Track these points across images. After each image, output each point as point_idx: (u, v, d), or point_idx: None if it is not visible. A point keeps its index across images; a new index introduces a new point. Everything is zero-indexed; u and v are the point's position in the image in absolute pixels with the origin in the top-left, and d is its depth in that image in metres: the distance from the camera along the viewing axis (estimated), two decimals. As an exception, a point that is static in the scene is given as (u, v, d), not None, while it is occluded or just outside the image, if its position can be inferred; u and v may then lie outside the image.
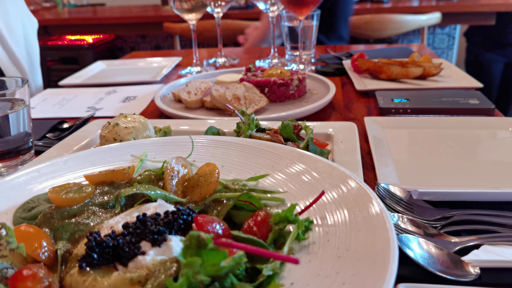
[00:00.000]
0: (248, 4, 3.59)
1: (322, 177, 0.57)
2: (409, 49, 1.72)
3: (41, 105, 1.26)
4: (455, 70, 1.37)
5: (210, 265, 0.39)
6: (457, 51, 4.20)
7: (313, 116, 1.05)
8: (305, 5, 1.36)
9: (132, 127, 0.78)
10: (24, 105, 0.82)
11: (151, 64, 1.73)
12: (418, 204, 0.64)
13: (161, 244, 0.45)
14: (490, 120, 0.94)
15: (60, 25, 3.55)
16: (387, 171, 0.73)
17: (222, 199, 0.56)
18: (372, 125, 0.92)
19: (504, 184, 0.70)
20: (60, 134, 1.00)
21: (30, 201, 0.60)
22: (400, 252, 0.51)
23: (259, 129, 0.80)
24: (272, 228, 0.49)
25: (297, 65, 1.50)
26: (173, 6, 1.48)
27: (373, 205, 0.48)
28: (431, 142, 0.87)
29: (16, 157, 0.82)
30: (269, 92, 1.14)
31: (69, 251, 0.50)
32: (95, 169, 0.67)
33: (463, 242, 0.55)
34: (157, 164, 0.67)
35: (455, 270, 0.50)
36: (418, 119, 0.96)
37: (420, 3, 3.50)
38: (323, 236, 0.47)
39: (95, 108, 1.22)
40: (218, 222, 0.49)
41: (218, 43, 1.65)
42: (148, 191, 0.56)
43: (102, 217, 0.54)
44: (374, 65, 1.31)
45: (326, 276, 0.41)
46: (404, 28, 2.98)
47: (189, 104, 1.14)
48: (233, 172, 0.65)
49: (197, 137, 0.73)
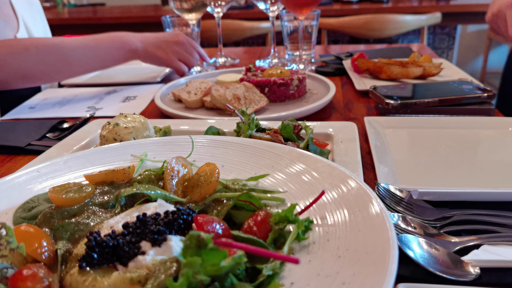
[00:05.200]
0: (248, 4, 3.59)
1: (322, 177, 0.57)
2: (409, 49, 1.72)
3: (41, 105, 1.26)
4: (455, 70, 1.37)
5: (210, 265, 0.39)
6: (457, 51, 4.20)
7: (313, 116, 1.05)
8: (305, 5, 1.36)
9: (132, 127, 0.78)
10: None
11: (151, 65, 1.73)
12: (418, 204, 0.64)
13: (161, 244, 0.45)
14: (490, 120, 0.94)
15: (60, 25, 3.55)
16: (387, 171, 0.73)
17: (222, 199, 0.56)
18: (372, 125, 0.92)
19: (504, 184, 0.70)
20: (60, 134, 1.00)
21: (30, 201, 0.59)
22: (400, 252, 0.51)
23: (259, 129, 0.80)
24: (272, 228, 0.49)
25: (297, 65, 1.50)
26: (173, 6, 1.48)
27: (373, 205, 0.48)
28: (431, 142, 0.87)
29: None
30: (269, 92, 1.14)
31: (69, 251, 0.50)
32: (95, 169, 0.67)
33: (463, 242, 0.55)
34: (157, 164, 0.67)
35: (455, 270, 0.50)
36: (418, 119, 0.96)
37: (420, 3, 3.50)
38: (323, 236, 0.47)
39: (95, 108, 1.22)
40: (218, 222, 0.49)
41: (218, 43, 1.65)
42: (148, 191, 0.56)
43: (102, 217, 0.54)
44: (374, 65, 1.31)
45: (326, 276, 0.41)
46: (404, 28, 2.98)
47: (189, 104, 1.14)
48: (233, 172, 0.65)
49: (197, 137, 0.73)
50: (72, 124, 1.04)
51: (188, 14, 1.49)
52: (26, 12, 1.51)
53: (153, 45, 1.37)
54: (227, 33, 2.94)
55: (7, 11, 1.43)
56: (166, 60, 1.39)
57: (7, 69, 1.15)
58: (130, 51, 1.34)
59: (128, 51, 1.33)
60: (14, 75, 1.17)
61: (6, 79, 1.16)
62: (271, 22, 1.58)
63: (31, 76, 1.20)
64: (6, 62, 1.14)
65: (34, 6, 1.59)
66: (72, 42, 1.25)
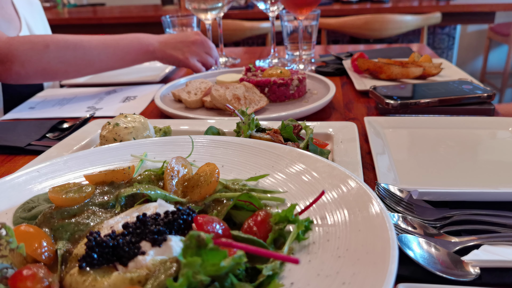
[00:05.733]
0: (248, 4, 3.59)
1: (322, 177, 0.57)
2: (409, 49, 1.72)
3: (41, 105, 1.27)
4: (455, 70, 1.37)
5: (210, 265, 0.39)
6: (457, 51, 4.20)
7: (313, 116, 1.05)
8: (305, 5, 1.36)
9: (132, 127, 0.78)
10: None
11: (152, 65, 1.73)
12: (418, 204, 0.64)
13: (161, 244, 0.45)
14: (490, 120, 0.94)
15: (60, 25, 3.55)
16: (387, 171, 0.73)
17: (222, 199, 0.56)
18: (372, 125, 0.92)
19: (504, 184, 0.70)
20: (60, 134, 1.00)
21: (30, 201, 0.60)
22: (400, 252, 0.51)
23: (259, 129, 0.80)
24: (272, 228, 0.49)
25: (297, 65, 1.50)
26: (189, 6, 1.47)
27: (373, 205, 0.48)
28: (431, 142, 0.87)
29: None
30: (269, 92, 1.14)
31: (69, 251, 0.50)
32: (95, 169, 0.67)
33: (463, 242, 0.55)
34: (157, 164, 0.67)
35: (455, 270, 0.50)
36: (418, 119, 0.96)
37: (420, 3, 3.50)
38: (323, 236, 0.47)
39: (95, 108, 1.22)
40: (218, 222, 0.49)
41: (219, 43, 1.65)
42: (148, 191, 0.56)
43: (102, 217, 0.54)
44: (374, 65, 1.32)
45: (326, 276, 0.41)
46: (404, 28, 2.98)
47: (189, 104, 1.14)
48: (233, 172, 0.65)
49: (197, 137, 0.73)
50: (72, 124, 1.04)
51: (204, 14, 1.49)
52: (27, 12, 1.51)
53: (170, 46, 1.38)
54: (227, 33, 2.93)
55: (9, 11, 1.43)
56: (183, 60, 1.39)
57: (27, 64, 1.17)
58: (148, 52, 1.35)
59: (146, 52, 1.34)
60: (35, 71, 1.19)
61: (26, 74, 1.19)
62: (271, 22, 1.58)
63: (51, 72, 1.22)
64: (27, 58, 1.17)
65: (34, 6, 1.59)
66: (91, 41, 1.27)
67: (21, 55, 1.16)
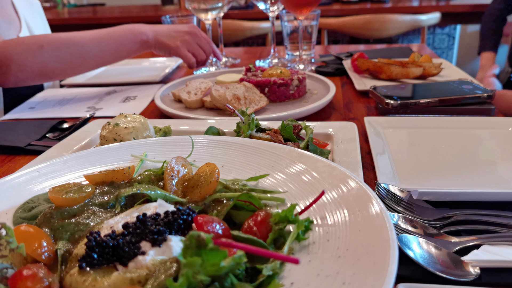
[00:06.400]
0: (248, 4, 3.59)
1: (322, 177, 0.57)
2: (409, 49, 1.72)
3: (41, 105, 1.27)
4: (455, 70, 1.37)
5: (210, 265, 0.39)
6: (457, 51, 4.20)
7: (313, 116, 1.05)
8: (305, 5, 1.36)
9: (132, 127, 0.78)
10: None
11: (153, 65, 1.73)
12: (418, 204, 0.64)
13: (161, 244, 0.45)
14: (490, 120, 0.94)
15: (60, 25, 3.55)
16: (387, 171, 0.73)
17: (222, 199, 0.56)
18: (372, 125, 0.92)
19: (504, 184, 0.70)
20: (60, 134, 1.00)
21: (30, 201, 0.59)
22: (400, 252, 0.51)
23: (259, 129, 0.80)
24: (272, 228, 0.49)
25: (297, 65, 1.50)
26: (189, 6, 1.47)
27: (373, 205, 0.48)
28: (431, 142, 0.87)
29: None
30: (269, 92, 1.14)
31: (69, 251, 0.50)
32: (95, 169, 0.67)
33: (463, 242, 0.55)
34: (157, 164, 0.67)
35: (455, 270, 0.50)
36: (418, 119, 0.96)
37: (420, 3, 3.50)
38: (323, 236, 0.47)
39: (95, 108, 1.22)
40: (218, 222, 0.49)
41: (219, 43, 1.65)
42: (148, 191, 0.56)
43: (102, 217, 0.54)
44: (374, 65, 1.31)
45: (326, 276, 0.41)
46: (404, 28, 2.98)
47: (189, 104, 1.14)
48: (233, 172, 0.65)
49: (197, 137, 0.73)
50: (72, 124, 1.04)
51: (204, 14, 1.49)
52: (27, 12, 1.51)
53: (164, 35, 1.36)
54: (227, 33, 2.93)
55: (9, 11, 1.43)
56: (174, 48, 1.36)
57: (23, 67, 1.15)
58: (142, 41, 1.32)
59: (140, 41, 1.32)
60: (32, 73, 1.18)
61: (24, 76, 1.17)
62: (271, 22, 1.58)
63: (48, 72, 1.21)
64: (23, 61, 1.15)
65: (34, 6, 1.59)
66: (84, 36, 1.25)
67: (17, 58, 1.14)
